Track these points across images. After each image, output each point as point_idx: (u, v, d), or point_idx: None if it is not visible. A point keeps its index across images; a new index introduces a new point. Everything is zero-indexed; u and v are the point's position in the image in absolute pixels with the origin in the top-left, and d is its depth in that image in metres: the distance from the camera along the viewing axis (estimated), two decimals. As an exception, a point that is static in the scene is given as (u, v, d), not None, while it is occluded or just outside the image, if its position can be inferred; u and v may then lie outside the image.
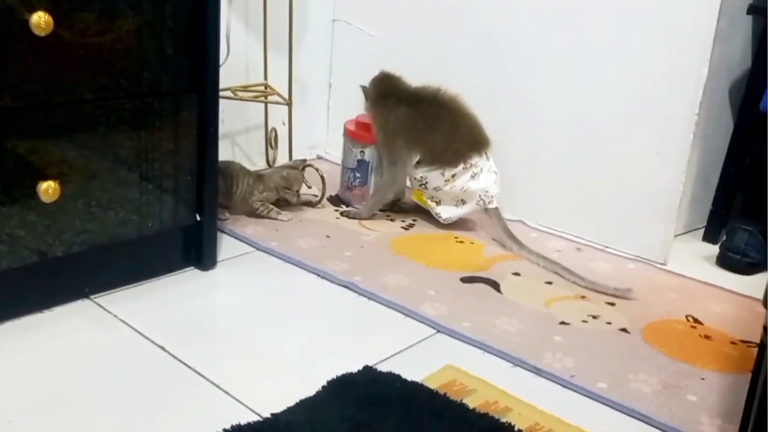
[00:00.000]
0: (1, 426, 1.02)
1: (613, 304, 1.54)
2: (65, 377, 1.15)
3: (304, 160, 1.98)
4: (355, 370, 1.20)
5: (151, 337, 1.27)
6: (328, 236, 1.76)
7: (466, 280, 1.60)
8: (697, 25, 1.64)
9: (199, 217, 1.50)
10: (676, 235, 1.87)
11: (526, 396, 1.19)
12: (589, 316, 1.48)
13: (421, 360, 1.28)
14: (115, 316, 1.33)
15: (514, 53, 1.93)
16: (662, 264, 1.78)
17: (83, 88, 1.26)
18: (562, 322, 1.45)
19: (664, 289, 1.66)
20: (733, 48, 1.90)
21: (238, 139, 2.16)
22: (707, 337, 1.45)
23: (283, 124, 2.16)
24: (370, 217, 1.89)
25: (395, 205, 1.96)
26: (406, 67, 1.93)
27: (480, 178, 1.80)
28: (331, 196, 2.02)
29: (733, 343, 1.44)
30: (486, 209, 1.83)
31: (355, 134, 1.95)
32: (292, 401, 1.10)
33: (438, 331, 1.38)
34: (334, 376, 1.17)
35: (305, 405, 1.10)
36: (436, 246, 1.78)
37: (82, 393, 1.12)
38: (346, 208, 1.95)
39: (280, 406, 1.09)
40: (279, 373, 1.21)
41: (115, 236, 1.36)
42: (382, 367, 1.22)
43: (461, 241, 1.82)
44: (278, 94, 2.06)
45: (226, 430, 1.03)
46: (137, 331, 1.29)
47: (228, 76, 1.91)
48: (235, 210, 1.81)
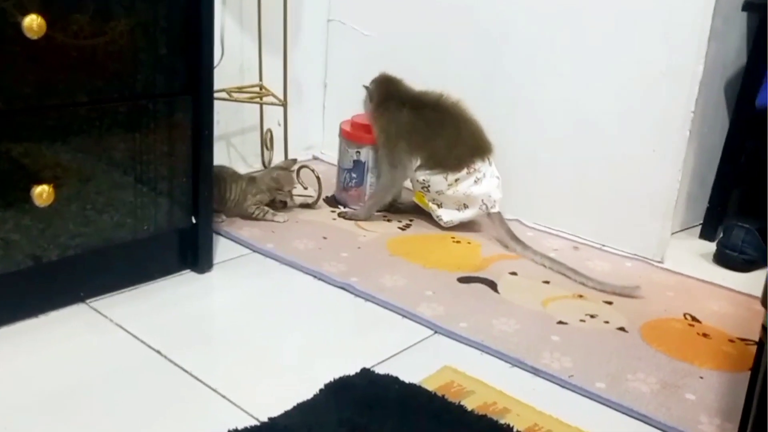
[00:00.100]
0: (-3, 432, 1.02)
1: (610, 303, 1.54)
2: (61, 382, 1.14)
3: (295, 160, 1.98)
4: (353, 372, 1.19)
5: (148, 341, 1.27)
6: (325, 237, 1.76)
7: (464, 280, 1.59)
8: (693, 23, 1.64)
9: (194, 220, 1.49)
10: (673, 233, 1.87)
11: (525, 396, 1.19)
12: (587, 315, 1.48)
13: (419, 361, 1.28)
14: (111, 320, 1.32)
15: (512, 53, 1.93)
16: (659, 262, 1.78)
17: (77, 90, 1.25)
18: (560, 322, 1.44)
19: (662, 287, 1.65)
20: (728, 45, 1.90)
21: (234, 140, 2.15)
22: (705, 336, 1.45)
23: (279, 125, 2.15)
24: (368, 219, 1.89)
25: (392, 206, 1.96)
26: (402, 68, 1.93)
27: (483, 183, 1.80)
28: (328, 197, 2.01)
29: (732, 341, 1.44)
30: (488, 214, 1.83)
31: (350, 135, 1.95)
32: (290, 404, 1.10)
33: (435, 332, 1.38)
34: (332, 379, 1.17)
35: (303, 408, 1.10)
36: (433, 246, 1.78)
37: (78, 398, 1.11)
38: (343, 210, 1.94)
39: (278, 410, 1.08)
40: (276, 376, 1.21)
41: (111, 240, 1.36)
42: (380, 369, 1.22)
43: (458, 241, 1.81)
44: (273, 95, 2.06)
45: (223, 434, 1.02)
46: (133, 335, 1.28)
47: (223, 78, 1.90)
48: (230, 214, 1.81)
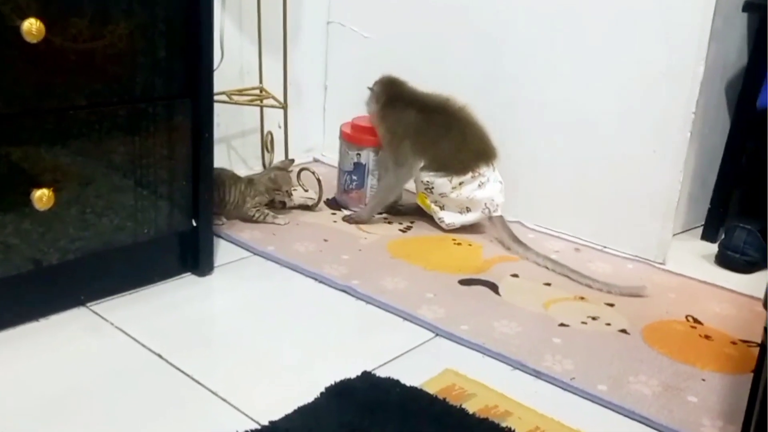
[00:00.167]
0: (-3, 436, 1.02)
1: (612, 305, 1.54)
2: (62, 385, 1.14)
3: (292, 160, 1.97)
4: (354, 376, 1.19)
5: (148, 345, 1.26)
6: (326, 240, 1.75)
7: (465, 282, 1.59)
8: (693, 23, 1.64)
9: (195, 223, 1.49)
10: (675, 234, 1.86)
11: (526, 399, 1.18)
12: (589, 317, 1.48)
13: (420, 364, 1.27)
14: (112, 323, 1.32)
15: (512, 53, 1.93)
16: (661, 263, 1.78)
17: (76, 94, 1.25)
18: (562, 324, 1.44)
19: (663, 288, 1.65)
20: (728, 46, 1.89)
21: (234, 143, 2.15)
22: (707, 338, 1.45)
23: (279, 128, 2.15)
24: (371, 219, 1.88)
25: (393, 208, 1.95)
26: (402, 69, 1.93)
27: (486, 188, 1.80)
28: (328, 200, 2.01)
29: (734, 343, 1.44)
30: (490, 217, 1.83)
31: (351, 137, 1.95)
32: (291, 408, 1.09)
33: (436, 335, 1.38)
34: (333, 382, 1.16)
35: (303, 412, 1.09)
36: (434, 248, 1.77)
37: (79, 401, 1.11)
38: (348, 213, 1.93)
39: (279, 413, 1.08)
40: (277, 379, 1.21)
41: (111, 243, 1.36)
42: (381, 372, 1.21)
43: (459, 243, 1.81)
44: (273, 97, 2.06)
45: (224, 438, 1.02)
46: (134, 339, 1.28)
47: (223, 80, 1.90)
48: (230, 216, 1.80)
